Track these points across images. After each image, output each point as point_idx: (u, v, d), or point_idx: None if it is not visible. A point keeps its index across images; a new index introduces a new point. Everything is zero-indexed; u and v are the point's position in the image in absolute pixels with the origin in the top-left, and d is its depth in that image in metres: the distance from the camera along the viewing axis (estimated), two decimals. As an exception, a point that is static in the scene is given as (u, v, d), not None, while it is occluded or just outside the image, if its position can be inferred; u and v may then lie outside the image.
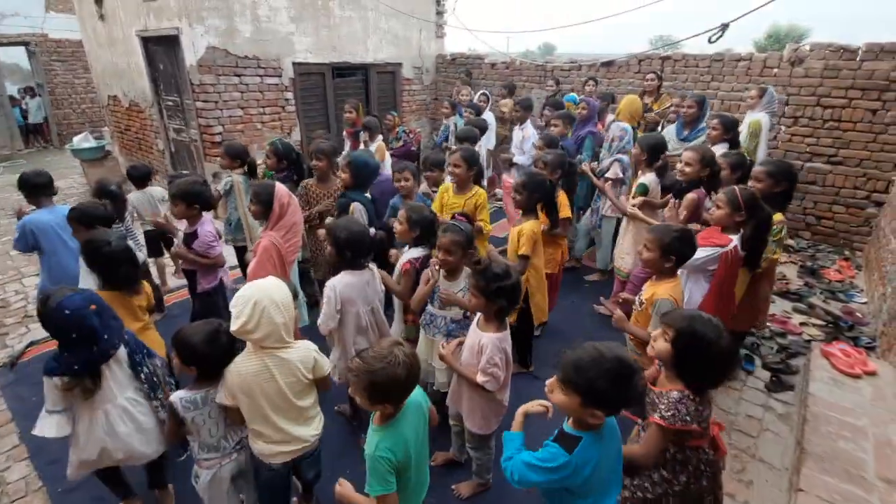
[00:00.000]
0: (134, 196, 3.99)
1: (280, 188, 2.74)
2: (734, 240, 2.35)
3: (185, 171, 3.54)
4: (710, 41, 3.54)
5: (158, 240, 4.17)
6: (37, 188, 3.14)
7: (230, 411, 1.76)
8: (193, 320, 3.14)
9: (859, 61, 4.81)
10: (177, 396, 1.74)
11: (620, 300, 2.50)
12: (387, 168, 4.54)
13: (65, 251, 3.06)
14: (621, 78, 6.45)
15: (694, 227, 2.78)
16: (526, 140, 5.04)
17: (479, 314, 2.00)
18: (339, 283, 2.22)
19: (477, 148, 4.39)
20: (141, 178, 4.04)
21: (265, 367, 1.68)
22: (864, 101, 4.84)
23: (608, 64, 6.51)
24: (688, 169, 2.94)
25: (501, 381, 1.90)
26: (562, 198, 3.02)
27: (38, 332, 3.71)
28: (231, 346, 1.75)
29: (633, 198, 3.34)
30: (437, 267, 2.24)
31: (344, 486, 1.51)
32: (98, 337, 1.77)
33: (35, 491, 2.41)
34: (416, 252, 2.45)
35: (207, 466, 1.81)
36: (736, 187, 2.41)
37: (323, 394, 1.94)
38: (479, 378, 1.85)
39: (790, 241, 5.41)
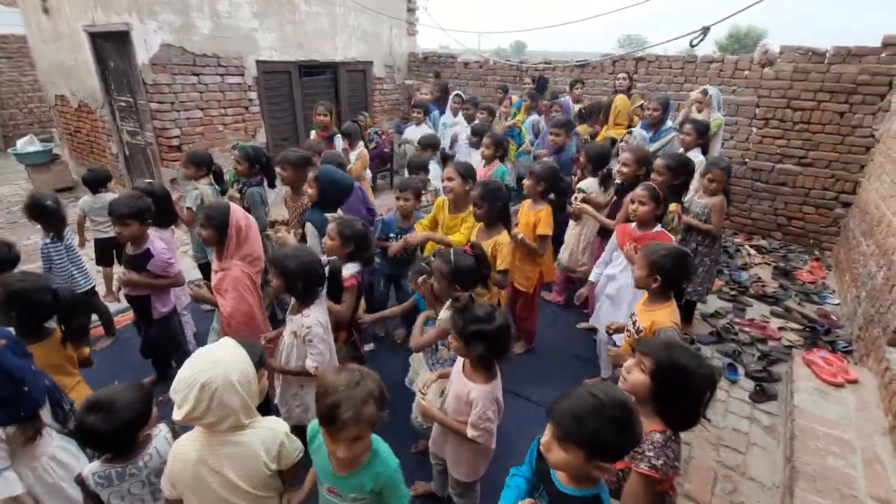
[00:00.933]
0: (85, 201, 3.69)
1: (236, 210, 2.38)
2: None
3: (148, 180, 3.25)
4: (691, 45, 3.49)
5: (111, 248, 3.81)
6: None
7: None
8: (148, 349, 2.88)
9: (827, 64, 4.88)
10: (88, 471, 1.46)
11: (612, 330, 2.38)
12: (367, 176, 4.33)
13: None
14: (595, 79, 6.40)
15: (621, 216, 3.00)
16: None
17: (459, 363, 1.82)
18: (320, 316, 2.01)
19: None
20: (97, 182, 3.71)
21: (213, 455, 1.36)
22: (833, 104, 4.92)
23: (583, 65, 6.44)
24: (625, 169, 3.13)
25: (492, 434, 1.72)
26: (545, 213, 2.87)
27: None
28: (148, 408, 1.49)
29: (576, 199, 3.38)
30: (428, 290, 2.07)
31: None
32: (25, 375, 1.57)
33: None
34: (354, 267, 2.35)
35: None
36: (652, 183, 2.65)
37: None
38: (470, 433, 1.66)
39: (762, 242, 5.48)
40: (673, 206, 2.84)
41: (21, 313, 1.85)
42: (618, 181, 3.33)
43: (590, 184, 3.52)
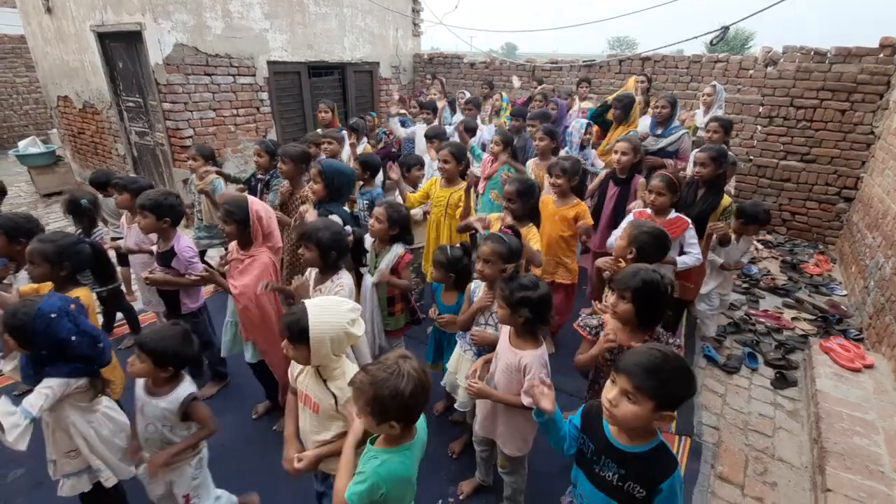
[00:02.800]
0: (104, 201, 3.73)
1: (254, 201, 2.44)
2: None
3: (110, 172, 3.35)
4: (711, 43, 3.58)
5: None
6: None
7: None
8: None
9: (829, 64, 5.03)
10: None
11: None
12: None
13: None
14: (602, 78, 6.51)
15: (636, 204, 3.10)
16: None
17: (508, 332, 1.90)
18: (349, 281, 2.18)
19: None
20: (106, 183, 3.72)
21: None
22: (834, 102, 5.08)
23: (590, 64, 6.55)
24: (623, 158, 3.29)
25: None
26: (584, 206, 2.97)
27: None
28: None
29: None
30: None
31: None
32: (99, 334, 1.74)
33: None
34: (400, 248, 2.49)
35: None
36: (667, 173, 2.77)
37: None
38: (525, 400, 1.73)
39: (768, 237, 5.63)
40: (727, 200, 2.95)
41: (72, 264, 2.03)
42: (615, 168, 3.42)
43: None
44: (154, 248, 2.76)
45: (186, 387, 1.75)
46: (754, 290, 4.32)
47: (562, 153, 3.98)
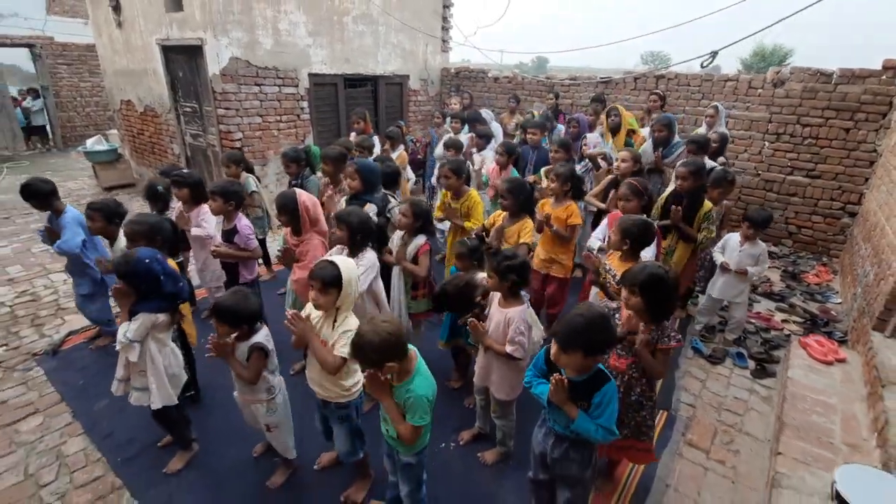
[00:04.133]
0: None
1: (301, 193, 2.93)
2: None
3: (178, 166, 3.98)
4: (702, 66, 3.96)
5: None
6: (48, 195, 3.27)
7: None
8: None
9: (834, 84, 5.29)
10: (262, 337, 2.17)
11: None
12: (409, 176, 4.86)
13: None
14: (618, 94, 6.88)
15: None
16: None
17: (497, 298, 2.34)
18: (374, 258, 2.65)
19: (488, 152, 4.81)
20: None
21: None
22: (839, 121, 5.31)
23: (606, 81, 6.94)
24: (623, 165, 3.72)
25: (526, 349, 2.22)
26: (574, 207, 3.37)
27: (75, 322, 3.94)
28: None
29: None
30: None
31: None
32: (175, 274, 2.26)
33: (95, 461, 2.63)
34: (422, 238, 2.93)
35: (280, 390, 2.30)
36: (633, 181, 3.10)
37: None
38: (509, 348, 2.17)
39: (773, 249, 5.84)
40: (707, 206, 3.37)
41: (162, 238, 2.63)
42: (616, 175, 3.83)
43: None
44: (200, 231, 3.37)
45: (256, 337, 2.17)
46: (750, 295, 4.58)
47: (578, 167, 4.42)
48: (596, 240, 3.14)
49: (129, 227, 2.62)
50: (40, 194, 3.22)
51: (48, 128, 11.77)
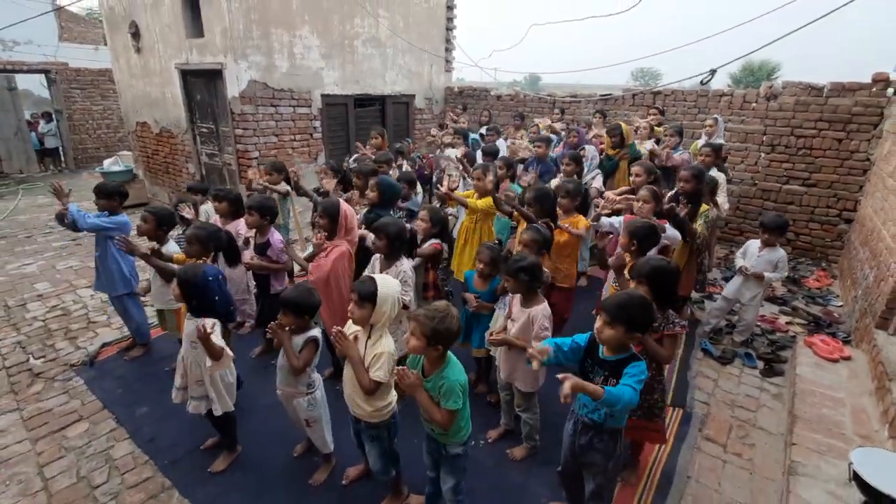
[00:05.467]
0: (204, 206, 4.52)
1: (342, 202, 3.17)
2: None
3: (203, 184, 4.21)
4: (702, 83, 4.22)
5: None
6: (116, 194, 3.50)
7: None
8: (262, 320, 3.59)
9: (825, 97, 5.56)
10: (317, 332, 2.35)
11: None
12: (417, 190, 5.09)
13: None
14: (617, 110, 7.17)
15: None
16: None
17: (518, 300, 2.52)
18: (410, 265, 2.80)
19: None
20: (198, 192, 4.57)
21: None
22: (832, 132, 5.57)
23: (606, 98, 7.23)
24: (638, 179, 3.91)
25: None
26: (582, 217, 3.57)
27: (108, 334, 4.08)
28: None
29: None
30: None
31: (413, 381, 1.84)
32: (230, 298, 2.47)
33: (143, 464, 2.74)
34: (436, 239, 3.20)
35: (319, 386, 2.45)
36: (652, 186, 3.34)
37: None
38: (535, 344, 2.32)
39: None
40: (704, 207, 3.65)
41: (215, 246, 2.90)
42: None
43: None
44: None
45: (312, 331, 2.35)
46: (754, 298, 4.76)
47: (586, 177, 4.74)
48: (608, 222, 3.34)
49: (192, 234, 2.82)
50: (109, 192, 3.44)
51: (60, 150, 12.02)
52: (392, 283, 2.16)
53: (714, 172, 4.36)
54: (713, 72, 4.13)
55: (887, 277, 3.53)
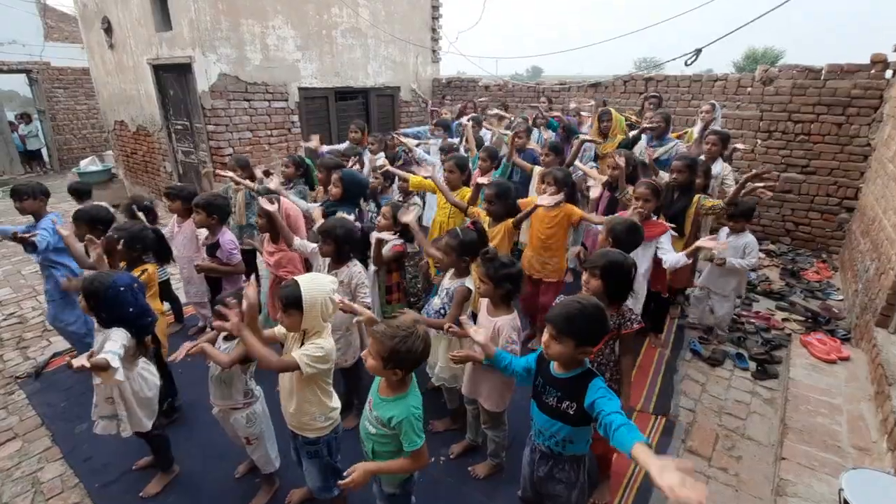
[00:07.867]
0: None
1: (283, 201, 2.99)
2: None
3: (180, 184, 3.95)
4: (686, 64, 3.94)
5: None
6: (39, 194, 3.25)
7: None
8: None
9: (823, 80, 5.25)
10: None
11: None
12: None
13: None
14: (607, 97, 6.87)
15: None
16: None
17: (486, 305, 2.25)
18: (361, 268, 2.59)
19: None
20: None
21: None
22: (830, 116, 5.27)
23: (595, 85, 6.94)
24: (616, 172, 3.59)
25: (517, 354, 2.13)
26: (574, 207, 3.34)
27: (59, 344, 3.86)
28: None
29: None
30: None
31: (361, 467, 1.58)
32: (149, 308, 2.17)
33: (72, 488, 2.53)
34: (398, 239, 2.97)
35: (259, 397, 2.27)
36: (650, 181, 3.06)
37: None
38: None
39: (772, 247, 5.76)
40: (695, 198, 3.39)
41: (144, 247, 2.67)
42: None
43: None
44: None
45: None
46: (750, 294, 4.49)
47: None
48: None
49: (111, 236, 2.56)
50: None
51: (44, 151, 11.83)
52: (321, 280, 1.88)
53: (719, 164, 4.08)
54: (698, 51, 3.85)
55: (888, 270, 3.26)
